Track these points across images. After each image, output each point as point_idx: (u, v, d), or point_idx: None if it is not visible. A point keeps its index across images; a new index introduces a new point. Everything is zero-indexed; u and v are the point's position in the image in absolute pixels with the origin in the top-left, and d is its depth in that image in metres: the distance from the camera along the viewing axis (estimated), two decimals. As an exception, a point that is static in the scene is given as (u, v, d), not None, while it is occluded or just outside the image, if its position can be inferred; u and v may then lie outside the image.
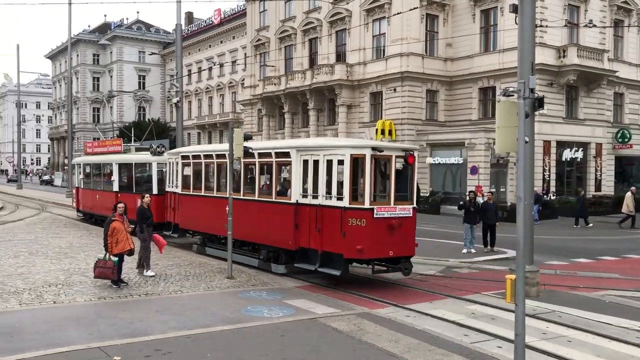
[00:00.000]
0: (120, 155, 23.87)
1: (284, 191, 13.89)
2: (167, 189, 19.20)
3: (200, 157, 17.41)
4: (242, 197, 14.80)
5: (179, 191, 18.24)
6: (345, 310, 10.50)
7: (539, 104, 7.25)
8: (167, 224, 18.91)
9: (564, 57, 32.37)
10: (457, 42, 36.17)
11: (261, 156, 14.39)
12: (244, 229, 13.97)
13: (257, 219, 14.41)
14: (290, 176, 13.52)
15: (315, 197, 12.72)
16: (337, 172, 12.31)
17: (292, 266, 13.64)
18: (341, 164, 12.24)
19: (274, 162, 13.99)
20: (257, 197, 14.55)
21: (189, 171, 17.95)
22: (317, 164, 12.76)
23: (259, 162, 14.45)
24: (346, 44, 39.91)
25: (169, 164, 19.21)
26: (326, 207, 12.39)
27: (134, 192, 21.38)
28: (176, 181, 18.54)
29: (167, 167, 19.43)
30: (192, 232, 18.30)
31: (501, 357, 7.97)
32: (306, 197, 12.97)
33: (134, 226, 13.17)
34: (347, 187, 12.04)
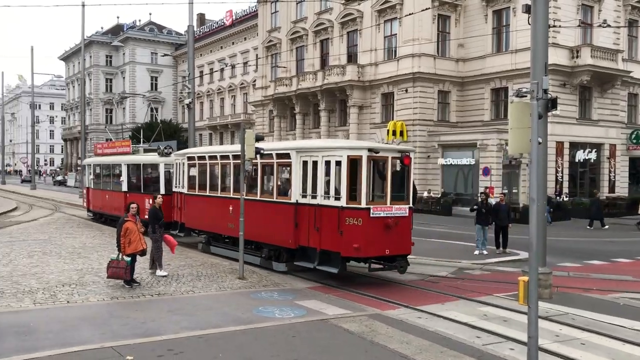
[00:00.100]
0: (129, 156, 24.15)
1: (284, 191, 14.21)
2: (174, 189, 19.49)
3: (205, 158, 17.69)
4: (245, 196, 14.95)
5: (185, 191, 18.57)
6: (356, 311, 10.48)
7: (552, 104, 7.19)
8: (174, 223, 19.17)
9: (578, 57, 32.15)
10: (469, 42, 36.04)
11: (263, 157, 14.58)
12: (247, 228, 14.21)
13: (259, 218, 14.64)
14: (290, 177, 13.83)
15: (314, 197, 13.01)
16: (335, 172, 12.63)
17: (293, 264, 13.96)
18: (339, 165, 12.54)
19: (275, 163, 14.31)
20: (259, 197, 14.77)
21: (194, 172, 18.31)
22: (315, 165, 13.08)
23: (261, 163, 14.69)
24: (357, 45, 39.90)
25: (176, 164, 19.54)
26: (324, 206, 12.69)
27: (142, 192, 21.75)
28: (182, 181, 18.85)
29: (174, 168, 19.76)
30: (198, 231, 18.61)
31: (514, 360, 7.93)
32: (305, 197, 13.25)
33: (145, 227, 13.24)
34: (344, 187, 12.34)
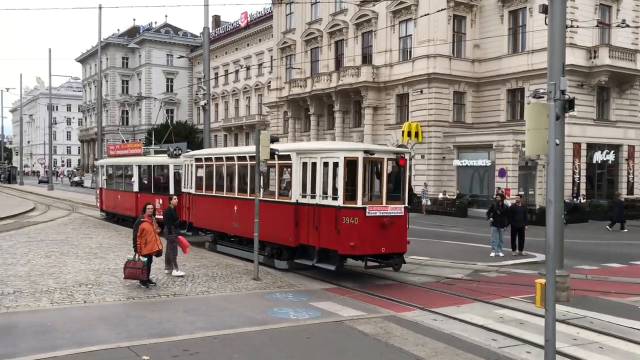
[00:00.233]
0: (140, 157, 24.68)
1: (285, 191, 14.65)
2: (183, 190, 19.87)
3: (211, 159, 18.12)
4: (248, 197, 15.65)
5: (193, 192, 19.02)
6: (371, 313, 10.45)
7: (569, 105, 7.11)
8: (182, 222, 19.37)
9: (595, 57, 31.78)
10: (484, 43, 35.80)
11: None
12: (252, 226, 14.44)
13: (262, 218, 14.86)
14: (291, 177, 14.27)
15: (313, 197, 13.45)
16: (333, 173, 13.07)
17: (293, 262, 14.42)
18: (336, 166, 12.96)
19: (277, 164, 14.67)
20: (261, 197, 14.94)
21: (201, 173, 18.74)
22: (315, 166, 13.53)
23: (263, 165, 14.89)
24: (372, 46, 39.80)
25: (184, 166, 20.01)
26: (323, 206, 13.13)
27: (153, 192, 22.33)
28: (190, 182, 19.29)
29: (183, 169, 20.24)
30: (205, 230, 19.04)
31: (530, 363, 7.86)
32: (305, 197, 13.69)
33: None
34: (341, 187, 12.78)
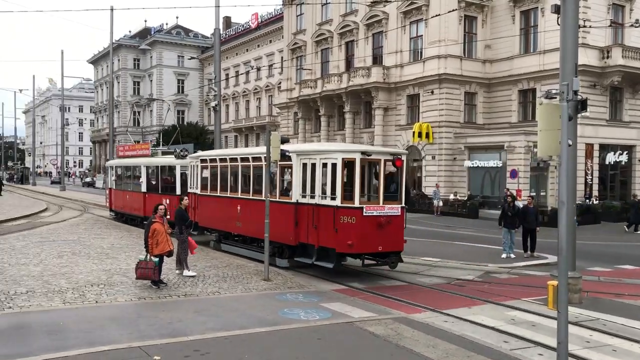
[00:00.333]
0: (148, 158, 25.02)
1: (286, 192, 14.92)
2: (189, 190, 20.10)
3: (216, 160, 18.38)
4: (251, 197, 15.95)
5: (198, 192, 19.27)
6: (382, 314, 10.42)
7: (582, 106, 7.06)
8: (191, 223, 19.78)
9: (608, 57, 31.55)
10: (496, 43, 35.65)
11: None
12: (254, 226, 14.55)
13: (263, 217, 14.96)
14: (291, 178, 14.54)
15: (312, 196, 13.76)
16: (331, 174, 13.34)
17: (294, 260, 14.72)
18: (334, 167, 13.25)
19: (278, 165, 14.88)
20: (264, 197, 15.02)
21: (206, 173, 18.99)
22: (314, 167, 13.82)
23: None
24: (383, 47, 39.76)
25: (190, 166, 20.30)
26: (322, 206, 13.43)
27: (160, 193, 22.71)
28: (196, 183, 19.55)
29: (189, 170, 20.54)
30: (210, 229, 19.33)
31: (542, 365, 7.81)
32: (305, 197, 13.99)
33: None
34: (339, 187, 13.06)
